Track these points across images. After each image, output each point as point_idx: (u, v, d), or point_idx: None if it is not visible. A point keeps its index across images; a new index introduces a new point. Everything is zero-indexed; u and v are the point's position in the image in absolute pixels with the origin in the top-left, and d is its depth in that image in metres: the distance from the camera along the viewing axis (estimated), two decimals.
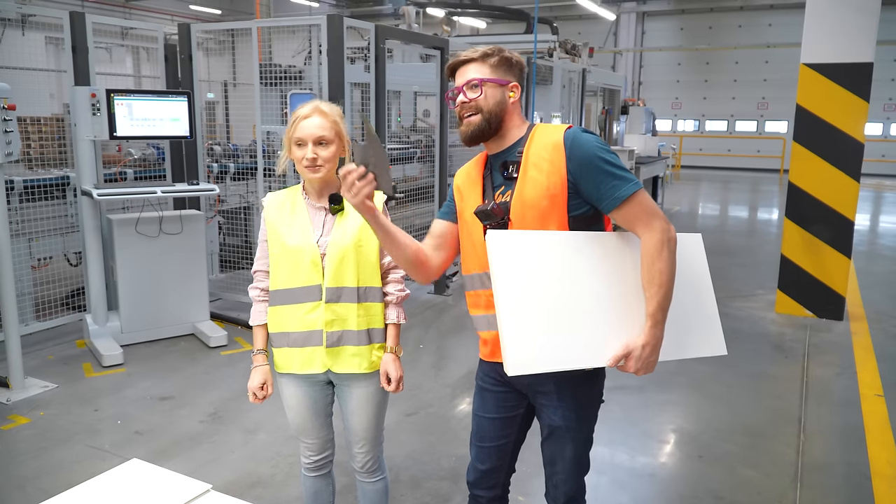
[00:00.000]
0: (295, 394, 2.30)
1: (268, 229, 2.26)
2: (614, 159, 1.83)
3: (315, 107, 2.17)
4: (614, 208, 1.82)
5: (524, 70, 2.02)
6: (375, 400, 2.31)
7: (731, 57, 21.66)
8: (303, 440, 2.40)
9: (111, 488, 1.63)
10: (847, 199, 5.77)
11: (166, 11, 19.45)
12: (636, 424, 3.92)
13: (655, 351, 1.83)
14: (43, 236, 5.25)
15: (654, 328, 1.81)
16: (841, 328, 5.74)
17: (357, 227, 2.18)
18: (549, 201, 1.85)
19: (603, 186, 1.81)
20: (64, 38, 5.11)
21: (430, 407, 4.12)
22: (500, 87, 1.94)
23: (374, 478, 2.43)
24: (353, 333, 2.20)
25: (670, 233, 1.82)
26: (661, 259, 1.80)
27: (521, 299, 1.77)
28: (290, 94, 4.92)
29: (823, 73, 5.71)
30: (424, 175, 7.34)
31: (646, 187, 12.58)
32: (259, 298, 2.31)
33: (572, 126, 1.93)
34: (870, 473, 3.42)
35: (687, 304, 1.97)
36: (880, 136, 20.16)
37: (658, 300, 1.80)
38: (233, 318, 5.64)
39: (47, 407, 4.04)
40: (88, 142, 4.71)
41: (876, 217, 12.86)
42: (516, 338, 1.76)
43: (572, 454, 2.06)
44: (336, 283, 2.17)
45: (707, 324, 2.02)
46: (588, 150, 1.82)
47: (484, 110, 1.92)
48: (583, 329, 1.82)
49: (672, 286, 1.82)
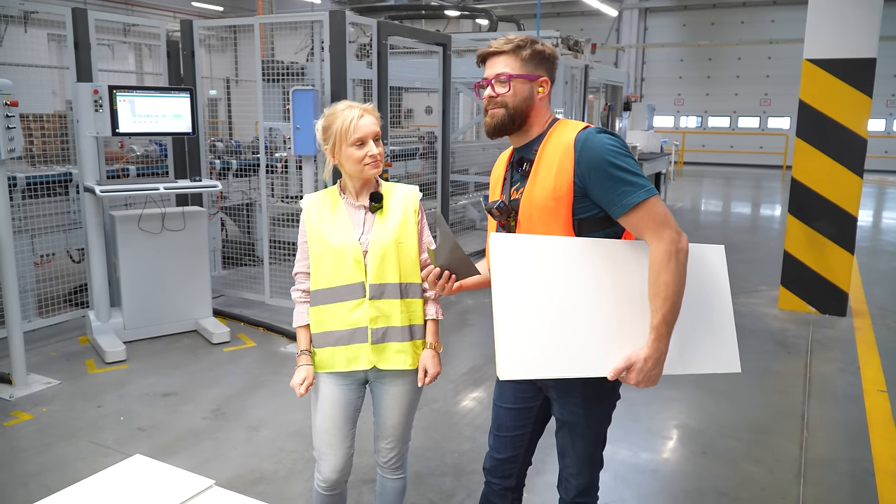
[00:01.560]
0: (331, 393, 2.29)
1: (308, 230, 2.28)
2: (627, 164, 1.77)
3: (359, 107, 2.20)
4: (622, 215, 1.77)
5: (556, 62, 1.97)
6: (410, 397, 2.35)
7: (733, 53, 21.60)
8: (324, 453, 2.32)
9: (114, 484, 1.63)
10: (850, 194, 5.75)
11: (169, 8, 19.42)
12: (639, 420, 3.91)
13: (658, 364, 1.79)
14: (45, 233, 5.26)
15: (657, 341, 1.77)
16: (844, 324, 5.73)
17: (397, 225, 2.23)
18: (554, 203, 1.83)
19: (611, 192, 1.76)
20: (66, 35, 5.11)
21: (434, 403, 4.12)
22: (530, 82, 1.91)
23: (397, 475, 2.45)
24: (397, 330, 2.23)
25: (680, 244, 1.76)
26: (668, 270, 1.74)
27: (519, 304, 1.75)
28: (292, 90, 4.91)
29: (826, 69, 5.69)
30: (427, 172, 7.34)
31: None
32: (301, 300, 2.33)
33: (589, 126, 1.87)
34: (873, 469, 3.42)
35: (701, 318, 1.92)
36: (883, 132, 20.10)
37: (663, 313, 1.75)
38: (235, 314, 5.64)
39: (50, 403, 4.05)
40: (91, 138, 4.70)
41: (879, 213, 12.83)
42: (510, 343, 1.74)
43: (582, 450, 2.05)
44: (379, 280, 2.20)
45: (722, 339, 1.95)
46: (597, 154, 1.77)
47: (509, 105, 1.91)
48: (583, 338, 1.79)
49: (679, 299, 1.76)
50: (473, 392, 4.32)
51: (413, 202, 2.30)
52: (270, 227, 5.80)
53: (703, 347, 1.92)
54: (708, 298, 1.94)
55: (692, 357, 1.91)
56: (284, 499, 3.11)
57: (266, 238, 5.72)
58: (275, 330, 5.31)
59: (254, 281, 6.03)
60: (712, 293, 1.95)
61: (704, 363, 1.93)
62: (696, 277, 1.87)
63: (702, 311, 1.92)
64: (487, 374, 4.58)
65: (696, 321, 1.90)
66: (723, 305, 1.96)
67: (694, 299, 1.86)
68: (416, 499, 3.12)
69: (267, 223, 5.75)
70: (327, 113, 2.23)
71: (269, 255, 5.72)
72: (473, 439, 3.68)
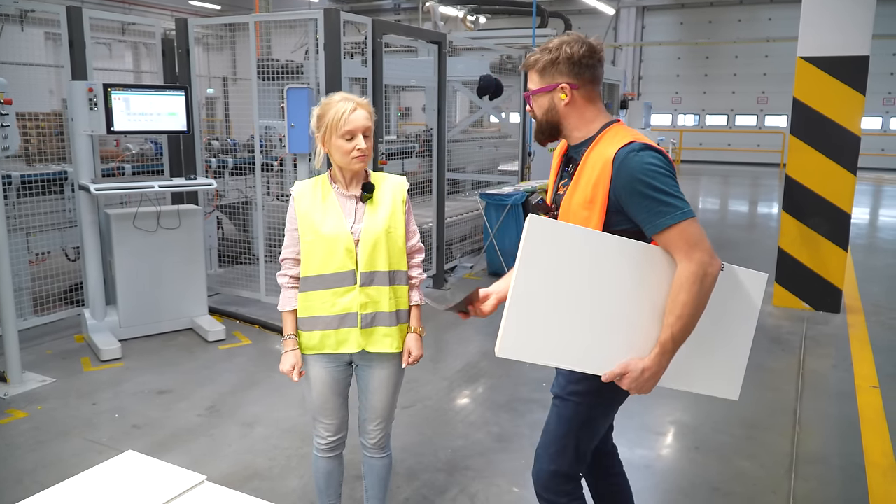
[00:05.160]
0: (320, 374, 2.40)
1: (299, 218, 2.33)
2: (664, 184, 1.75)
3: (354, 101, 2.25)
4: (655, 234, 1.79)
5: (577, 61, 1.89)
6: (396, 379, 2.46)
7: (730, 51, 21.61)
8: (322, 421, 2.48)
9: (106, 480, 1.64)
10: (844, 192, 5.77)
11: (166, 7, 19.41)
12: (633, 416, 3.93)
13: (655, 378, 1.81)
14: (41, 231, 5.26)
15: (660, 356, 1.78)
16: (838, 321, 5.75)
17: (387, 214, 2.31)
18: (587, 212, 1.86)
19: (646, 212, 1.77)
20: (61, 34, 5.11)
21: (428, 400, 4.13)
22: (547, 93, 1.93)
23: (384, 454, 2.56)
24: (385, 315, 2.32)
25: (710, 267, 1.74)
26: (689, 292, 1.74)
27: (536, 288, 1.76)
28: (286, 88, 4.92)
29: (820, 67, 5.71)
30: (423, 170, 7.35)
31: None
32: (288, 285, 2.40)
33: (634, 141, 1.82)
34: (864, 464, 3.44)
35: (718, 340, 1.91)
36: (880, 129, 20.13)
37: (673, 331, 1.76)
38: (231, 312, 5.65)
39: (45, 401, 4.06)
40: (86, 136, 4.71)
41: (875, 211, 12.85)
42: (515, 323, 1.75)
43: (553, 428, 2.07)
44: (369, 268, 2.28)
45: (730, 367, 1.95)
46: (633, 175, 1.76)
47: (539, 120, 1.96)
48: (589, 333, 1.80)
49: (693, 322, 1.76)
50: (467, 389, 4.33)
51: (401, 192, 2.38)
52: (266, 225, 5.80)
53: (708, 369, 1.92)
54: (731, 323, 1.92)
55: (696, 376, 1.91)
56: (278, 495, 3.12)
57: (262, 236, 5.73)
58: (270, 328, 5.32)
59: (249, 279, 6.03)
60: (737, 318, 1.93)
61: (704, 385, 1.94)
62: (726, 299, 1.85)
63: (721, 333, 1.91)
64: (482, 371, 4.59)
65: (711, 342, 1.88)
66: (744, 333, 1.94)
67: (716, 320, 1.85)
68: (409, 494, 3.14)
69: (263, 221, 5.75)
70: (323, 102, 2.29)
71: (265, 254, 5.73)
72: (467, 436, 3.69)
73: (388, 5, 23.37)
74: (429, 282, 6.71)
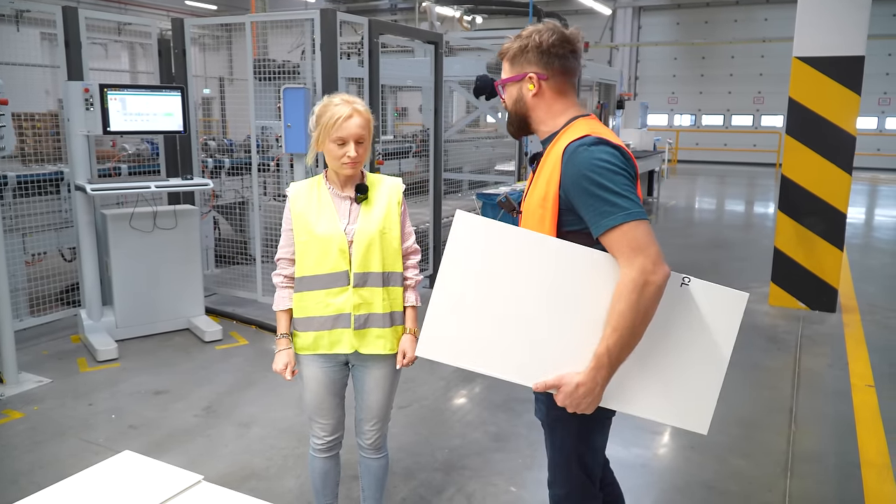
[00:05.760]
0: (316, 374, 2.39)
1: (293, 218, 2.33)
2: (611, 182, 1.62)
3: (352, 106, 2.23)
4: (599, 235, 1.65)
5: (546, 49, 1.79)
6: (391, 380, 2.45)
7: (727, 51, 21.65)
8: (318, 421, 2.48)
9: (103, 480, 1.64)
10: (839, 191, 5.79)
11: (163, 7, 19.38)
12: (629, 416, 3.92)
13: (591, 394, 1.66)
14: (37, 231, 5.25)
15: (594, 370, 1.64)
16: (833, 320, 5.76)
17: (382, 216, 2.31)
18: (542, 210, 1.77)
19: (590, 211, 1.65)
20: (57, 34, 5.10)
21: (425, 400, 4.13)
22: (516, 83, 1.86)
23: (380, 454, 2.56)
24: (378, 316, 2.32)
25: (653, 275, 1.59)
26: (627, 301, 1.59)
27: (462, 288, 1.71)
28: (283, 88, 4.92)
29: (815, 67, 5.73)
30: (420, 170, 7.35)
31: (642, 181, 12.52)
32: (283, 285, 2.40)
33: (585, 137, 1.71)
34: (859, 462, 3.45)
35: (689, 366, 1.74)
36: (875, 129, 20.18)
37: (608, 344, 1.62)
38: (228, 312, 5.64)
39: (41, 401, 4.05)
40: (82, 137, 4.70)
41: (871, 210, 12.89)
42: (438, 323, 1.72)
43: (551, 455, 1.98)
44: (363, 269, 2.28)
45: (700, 396, 1.76)
46: (580, 171, 1.65)
47: (509, 111, 1.91)
48: (520, 341, 1.70)
49: (632, 334, 1.62)
50: (464, 389, 4.34)
51: (397, 194, 2.38)
52: (263, 225, 5.80)
53: (674, 397, 1.75)
54: (705, 347, 1.74)
55: (659, 404, 1.76)
56: (275, 495, 3.12)
57: (258, 236, 5.73)
58: (267, 328, 5.32)
59: (246, 279, 6.03)
60: (711, 343, 1.74)
61: (670, 415, 1.77)
62: (701, 323, 1.70)
63: (693, 358, 1.74)
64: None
65: (677, 367, 1.73)
66: (718, 358, 1.75)
67: (688, 343, 1.71)
68: (406, 494, 3.14)
69: (259, 222, 5.75)
70: (324, 102, 2.29)
71: (262, 254, 5.73)
72: (464, 436, 3.69)
73: (384, 5, 23.36)
74: (425, 282, 6.71)
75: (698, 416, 1.76)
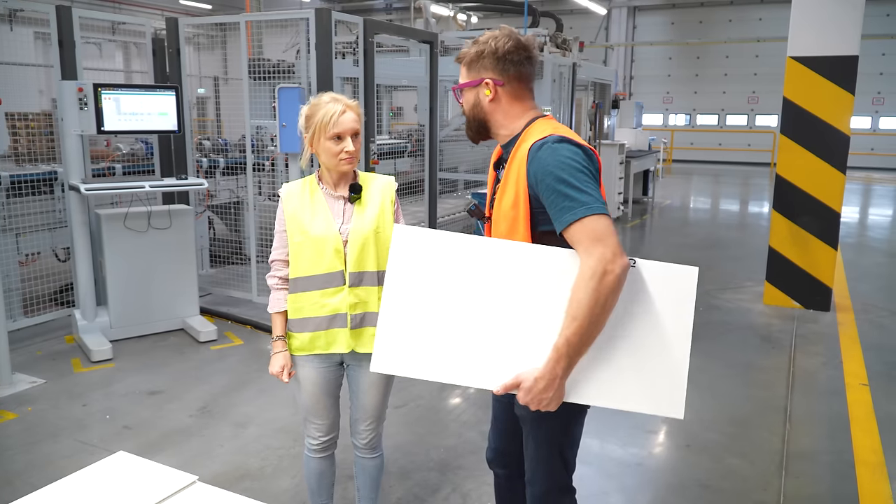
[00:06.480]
0: (311, 375, 2.39)
1: (287, 219, 2.33)
2: (573, 178, 1.65)
3: (343, 102, 2.24)
4: (562, 230, 1.66)
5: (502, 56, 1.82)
6: (386, 379, 2.44)
7: (721, 51, 21.71)
8: (313, 421, 2.47)
9: (97, 480, 1.63)
10: (833, 190, 5.81)
11: (157, 6, 19.32)
12: (624, 415, 3.93)
13: (552, 388, 1.64)
14: (31, 231, 5.24)
15: (553, 363, 1.63)
16: (828, 319, 5.78)
17: (376, 215, 2.30)
18: (514, 212, 1.78)
19: (553, 207, 1.67)
20: (51, 33, 5.08)
21: (420, 399, 4.13)
22: (473, 89, 1.88)
23: (375, 454, 2.56)
24: (373, 315, 2.29)
25: (611, 265, 1.59)
26: (585, 289, 1.59)
27: (408, 299, 1.72)
28: (278, 88, 4.91)
29: (809, 66, 5.75)
30: (415, 170, 7.35)
31: (637, 181, 12.47)
32: (278, 287, 2.40)
33: (551, 135, 1.74)
34: (854, 461, 3.46)
35: (650, 352, 1.70)
36: (869, 129, 20.26)
37: (567, 334, 1.61)
38: (223, 312, 5.63)
39: (35, 402, 4.04)
40: (76, 136, 4.69)
41: (865, 210, 12.94)
42: (389, 336, 1.73)
43: (532, 452, 1.97)
44: (358, 269, 2.27)
45: (668, 379, 1.71)
46: (544, 168, 1.68)
47: (467, 115, 1.91)
48: (474, 346, 1.70)
49: (592, 324, 1.60)
50: (459, 388, 4.33)
51: (390, 192, 2.37)
52: (258, 225, 5.79)
53: (645, 385, 1.71)
54: (664, 327, 1.70)
55: (630, 393, 1.71)
56: (270, 495, 3.12)
57: (253, 236, 5.72)
58: (262, 328, 5.31)
59: (241, 279, 6.02)
60: (669, 322, 1.70)
61: (643, 403, 1.72)
62: (655, 304, 1.68)
63: (654, 340, 1.70)
64: None
65: (643, 354, 1.70)
66: (680, 338, 1.71)
67: (647, 329, 1.69)
68: (401, 493, 3.14)
69: (254, 221, 5.74)
70: (312, 102, 2.29)
71: (257, 254, 5.72)
72: (459, 435, 3.69)
73: (379, 5, 23.36)
74: None
75: (671, 401, 1.71)
